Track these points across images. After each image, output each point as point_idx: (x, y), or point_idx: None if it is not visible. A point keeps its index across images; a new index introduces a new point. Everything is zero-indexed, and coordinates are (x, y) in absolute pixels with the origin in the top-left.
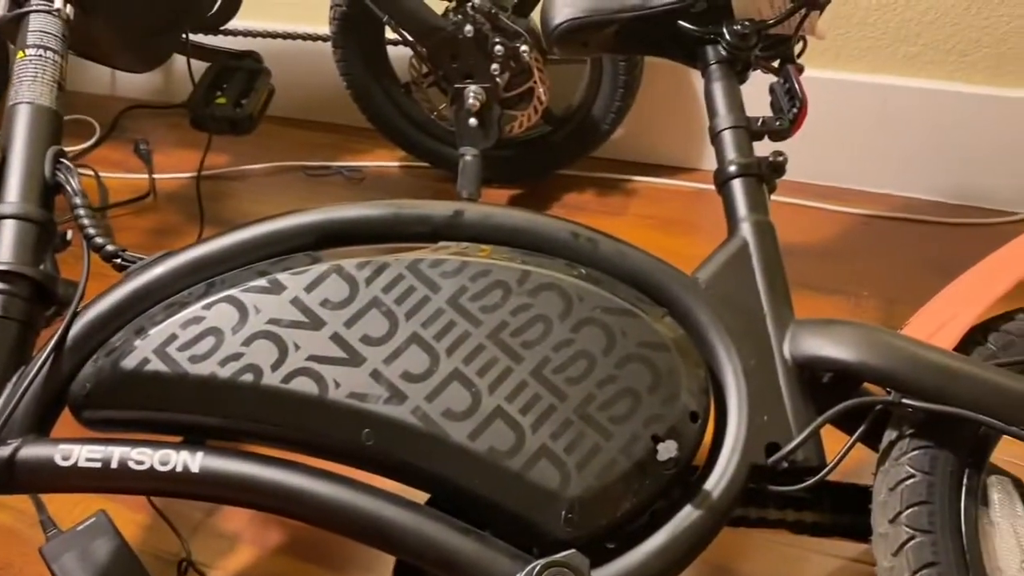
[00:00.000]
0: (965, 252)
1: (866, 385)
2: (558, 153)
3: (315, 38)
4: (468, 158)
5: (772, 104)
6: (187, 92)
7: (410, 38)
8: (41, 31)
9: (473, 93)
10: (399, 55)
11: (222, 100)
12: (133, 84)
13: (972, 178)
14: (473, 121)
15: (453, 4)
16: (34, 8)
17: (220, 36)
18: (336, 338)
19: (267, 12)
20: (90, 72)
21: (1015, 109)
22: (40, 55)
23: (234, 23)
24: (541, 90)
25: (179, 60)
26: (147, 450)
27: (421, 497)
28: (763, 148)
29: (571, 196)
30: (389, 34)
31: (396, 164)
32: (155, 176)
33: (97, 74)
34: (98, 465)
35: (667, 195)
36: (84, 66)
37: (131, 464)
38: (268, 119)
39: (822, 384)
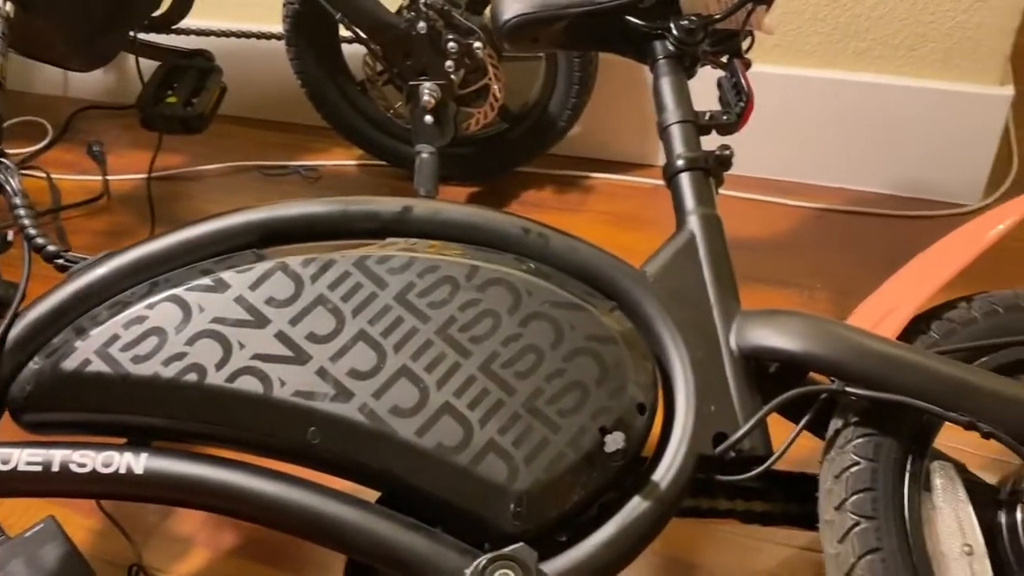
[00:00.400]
0: (915, 244)
1: (812, 375)
2: (515, 151)
3: (268, 36)
4: (424, 156)
5: (720, 99)
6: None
7: (364, 36)
8: None
9: (428, 90)
10: (354, 53)
11: (173, 99)
12: (86, 85)
13: (922, 171)
14: (429, 118)
15: (407, 1)
16: None
17: (172, 35)
18: (281, 336)
19: (220, 11)
20: (42, 73)
21: (962, 103)
22: None
23: (187, 22)
24: (496, 87)
25: (133, 60)
26: (90, 452)
27: (374, 496)
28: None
29: (529, 193)
30: (343, 32)
31: (353, 163)
32: (108, 177)
33: (49, 75)
34: (39, 469)
35: (624, 191)
36: (36, 67)
37: (73, 467)
38: (224, 119)
39: (769, 374)
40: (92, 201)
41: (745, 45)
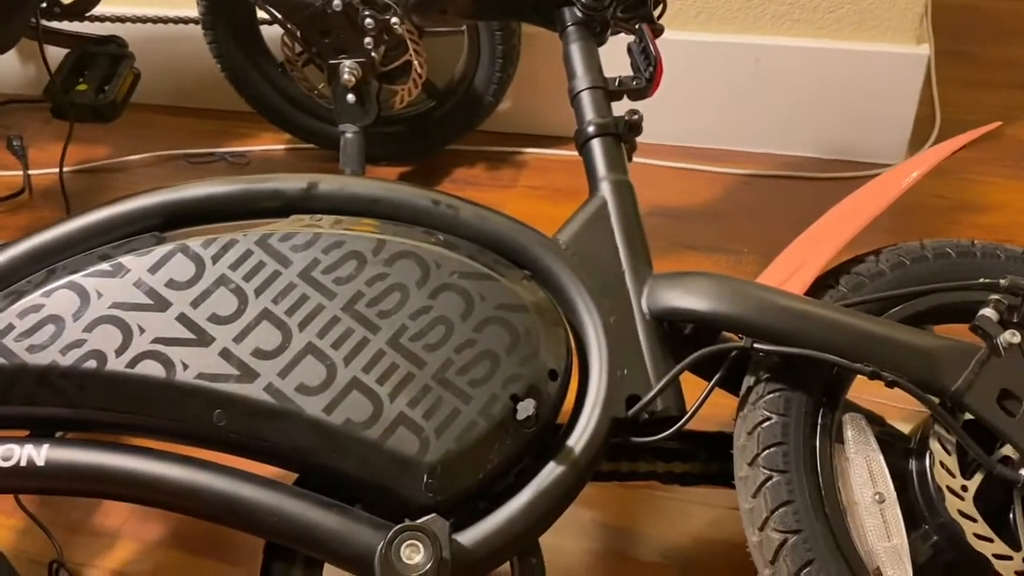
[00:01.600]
0: None
1: (725, 334)
2: (444, 128)
3: (185, 21)
4: (349, 135)
5: (631, 64)
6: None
7: (279, 16)
8: None
9: (348, 68)
10: (274, 34)
11: (83, 87)
12: (4, 79)
13: (845, 133)
14: (351, 97)
15: None
16: None
17: (86, 23)
18: (183, 319)
19: None
20: None
21: (879, 63)
22: None
23: (100, 8)
24: (418, 62)
25: (54, 50)
26: None
27: (294, 479)
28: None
29: (460, 171)
30: (261, 13)
31: (282, 147)
32: (30, 172)
33: None
34: None
35: (555, 165)
36: None
37: None
38: (146, 108)
39: (684, 336)
40: (13, 197)
41: (657, 12)
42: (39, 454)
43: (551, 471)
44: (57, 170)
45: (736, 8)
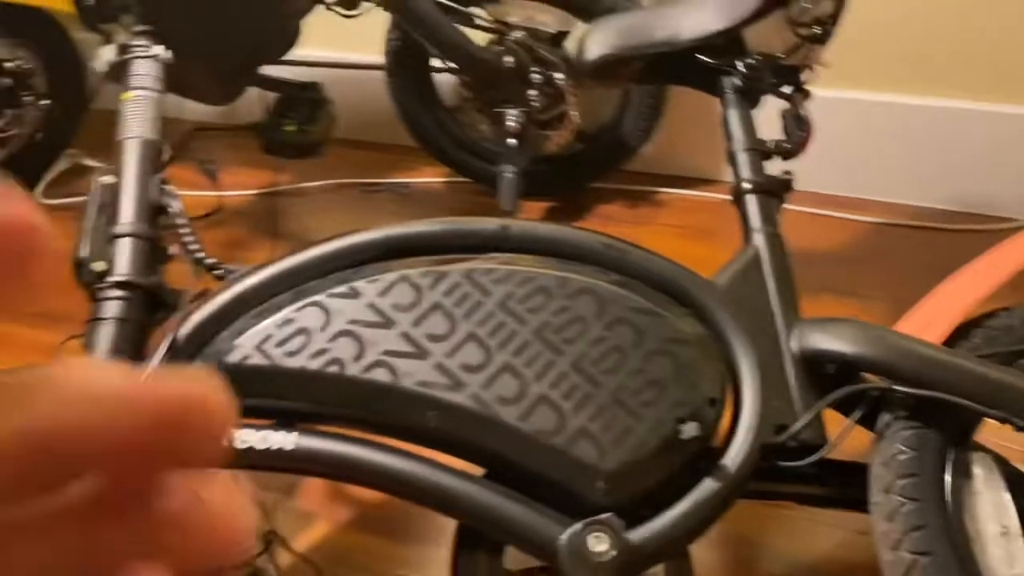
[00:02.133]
0: (968, 257)
1: (864, 375)
2: (590, 168)
3: (371, 67)
4: (508, 175)
5: (784, 128)
6: (248, 115)
7: (456, 68)
8: (143, 74)
9: (512, 116)
10: (444, 80)
11: (290, 127)
12: (198, 108)
13: (976, 187)
14: (512, 141)
15: (495, 37)
16: (137, 55)
17: (285, 67)
18: (405, 336)
19: (326, 42)
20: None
21: (1016, 124)
22: (143, 95)
23: (297, 54)
24: (574, 112)
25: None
26: (250, 432)
27: (479, 472)
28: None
29: (603, 207)
30: (436, 63)
31: (441, 180)
32: (222, 193)
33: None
34: None
35: (693, 206)
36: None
37: (237, 444)
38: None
39: (826, 375)
40: (209, 215)
41: (805, 78)
42: (289, 440)
43: (708, 485)
44: (244, 192)
45: (879, 68)
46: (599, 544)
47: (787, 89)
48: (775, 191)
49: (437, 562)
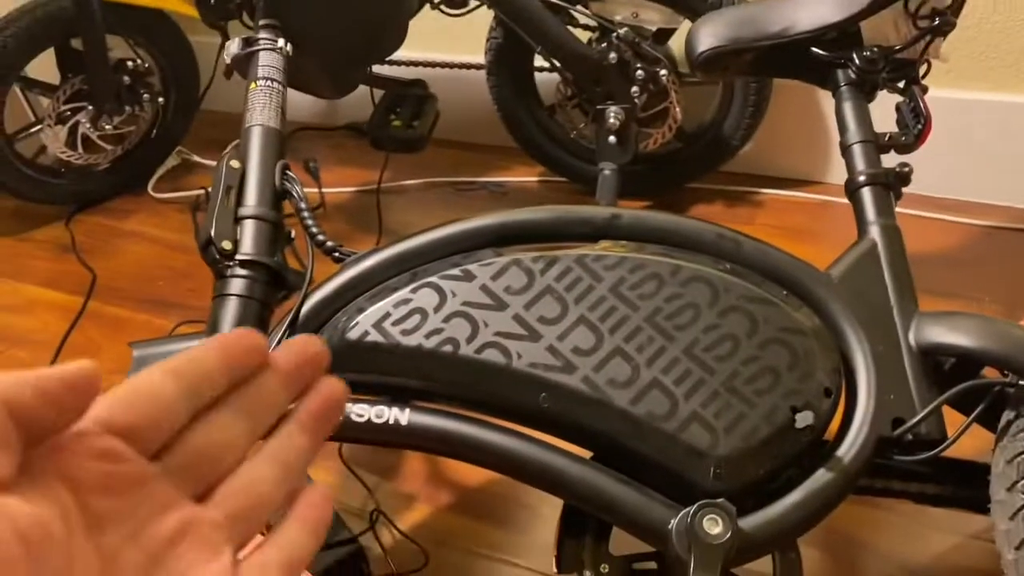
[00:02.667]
0: None
1: (985, 371)
2: (688, 168)
3: (472, 67)
4: (607, 172)
5: (898, 121)
6: (347, 115)
7: (559, 65)
8: (268, 65)
9: (614, 113)
10: (544, 80)
11: (397, 123)
12: (298, 109)
13: None
14: (612, 139)
15: (598, 34)
16: (263, 47)
17: (391, 66)
18: (517, 318)
19: (430, 43)
20: None
21: None
22: (268, 85)
23: (401, 54)
24: (676, 110)
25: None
26: (366, 406)
27: (587, 455)
28: (890, 160)
29: (700, 208)
30: (537, 61)
31: (535, 179)
32: (324, 190)
33: None
34: None
35: (792, 206)
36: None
37: (354, 417)
38: None
39: (944, 370)
40: (314, 210)
41: (922, 71)
42: (404, 416)
43: (822, 476)
44: (344, 189)
45: (988, 68)
46: (714, 527)
47: (902, 83)
48: (891, 184)
49: (538, 548)
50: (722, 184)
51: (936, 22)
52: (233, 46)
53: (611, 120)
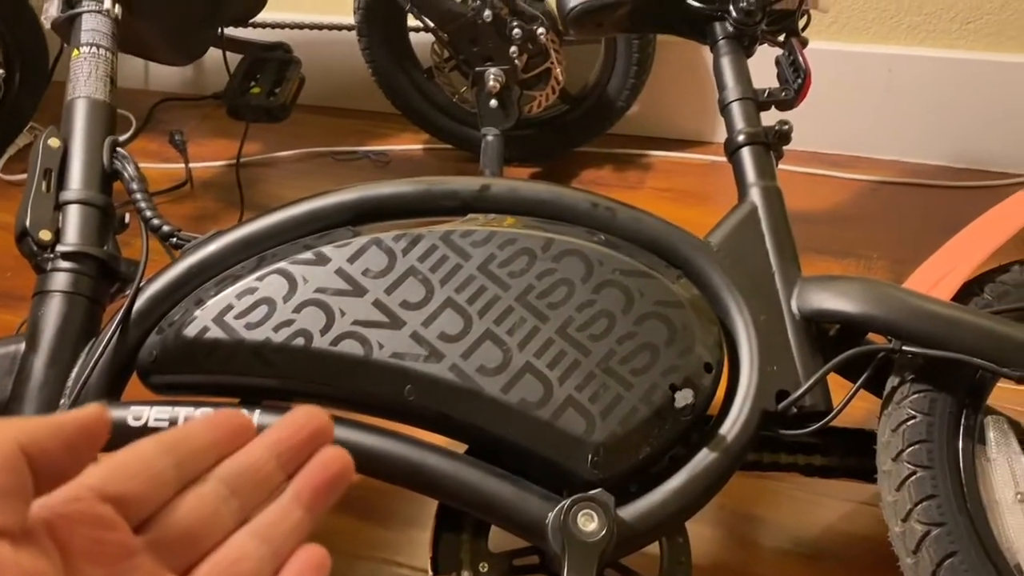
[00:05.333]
0: (969, 214)
1: (870, 336)
2: (575, 131)
3: (341, 28)
4: (490, 138)
5: (778, 76)
6: (216, 84)
7: (432, 24)
8: (93, 30)
9: (493, 75)
10: (420, 41)
11: (256, 90)
12: (164, 78)
13: (976, 143)
14: (494, 102)
15: None
16: (86, 9)
17: (250, 29)
18: (378, 304)
19: (293, 3)
20: (123, 67)
21: (1016, 74)
22: (93, 53)
23: (263, 16)
24: (558, 70)
25: (209, 53)
26: (209, 410)
27: (460, 448)
28: (770, 118)
29: (589, 172)
30: (411, 21)
31: (420, 147)
32: (191, 165)
33: (130, 69)
34: (166, 424)
35: (682, 168)
36: (118, 62)
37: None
38: (296, 107)
39: (829, 337)
40: (177, 188)
41: (801, 24)
42: (252, 419)
43: (705, 457)
44: (213, 164)
45: (871, 19)
46: (589, 523)
47: (782, 36)
48: (772, 143)
49: (420, 544)
50: (611, 147)
51: None
52: (52, 8)
53: (491, 83)
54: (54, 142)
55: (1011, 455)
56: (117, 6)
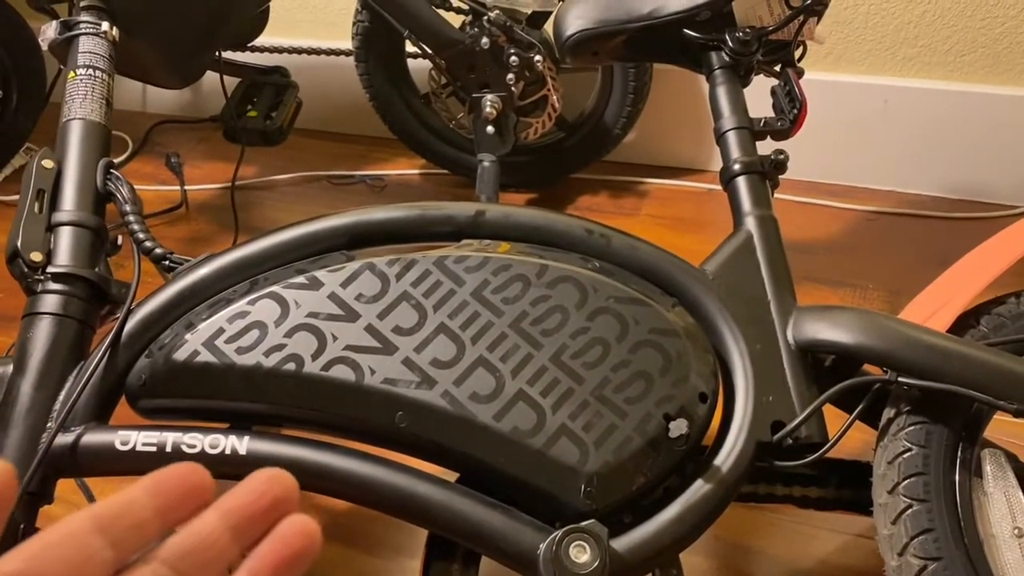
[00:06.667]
0: (965, 245)
1: (866, 367)
2: (571, 158)
3: (339, 53)
4: (486, 164)
5: (774, 106)
6: (214, 107)
7: (429, 51)
8: (90, 52)
9: (490, 102)
10: (417, 67)
11: (253, 113)
12: (162, 100)
13: (971, 174)
14: (490, 129)
15: (470, 18)
16: (83, 31)
17: (248, 52)
18: (370, 329)
19: (293, 28)
20: (121, 89)
21: (1011, 106)
22: (90, 74)
23: (262, 40)
24: (554, 98)
25: (207, 76)
26: (198, 435)
27: (452, 476)
28: (766, 147)
29: (585, 198)
30: (409, 48)
31: (416, 172)
32: (186, 188)
33: (128, 92)
34: (153, 449)
35: (677, 195)
36: (116, 84)
37: (184, 448)
38: (294, 131)
39: (825, 367)
40: (172, 210)
41: (797, 54)
42: (241, 444)
43: (699, 488)
44: (210, 186)
45: (867, 50)
46: (582, 554)
47: (778, 66)
48: (768, 172)
49: (410, 573)
50: (607, 174)
51: (808, 1)
52: (50, 30)
53: (487, 109)
54: (48, 163)
55: (1008, 489)
56: (114, 28)
